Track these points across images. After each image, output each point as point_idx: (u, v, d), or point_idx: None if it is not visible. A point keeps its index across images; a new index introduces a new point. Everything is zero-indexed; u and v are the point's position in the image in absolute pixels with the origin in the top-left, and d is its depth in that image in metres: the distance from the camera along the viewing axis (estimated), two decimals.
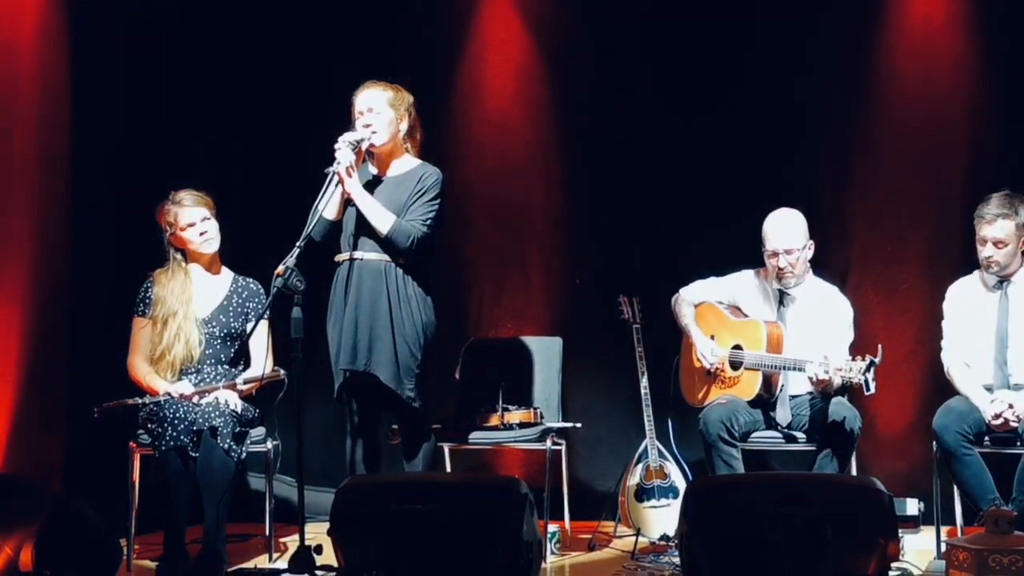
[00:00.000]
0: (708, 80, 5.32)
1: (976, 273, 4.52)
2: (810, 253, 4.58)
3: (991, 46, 5.13)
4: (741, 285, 4.72)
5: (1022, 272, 4.44)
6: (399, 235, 4.19)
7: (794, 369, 4.38)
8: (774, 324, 4.54)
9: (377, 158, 4.34)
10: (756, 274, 4.70)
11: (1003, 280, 4.45)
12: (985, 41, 5.14)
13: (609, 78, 5.47)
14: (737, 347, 4.59)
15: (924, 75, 5.20)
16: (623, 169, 5.42)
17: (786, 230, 4.52)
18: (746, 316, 4.65)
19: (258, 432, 4.50)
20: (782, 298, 4.61)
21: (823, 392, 4.38)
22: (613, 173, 5.44)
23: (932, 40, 5.20)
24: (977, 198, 4.51)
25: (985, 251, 4.39)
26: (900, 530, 3.42)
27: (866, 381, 4.13)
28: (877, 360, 4.14)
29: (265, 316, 4.39)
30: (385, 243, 4.20)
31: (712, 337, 4.68)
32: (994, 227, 4.35)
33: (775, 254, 4.52)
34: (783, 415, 4.51)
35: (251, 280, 4.64)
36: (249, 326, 4.50)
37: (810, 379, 4.34)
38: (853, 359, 4.21)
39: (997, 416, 4.24)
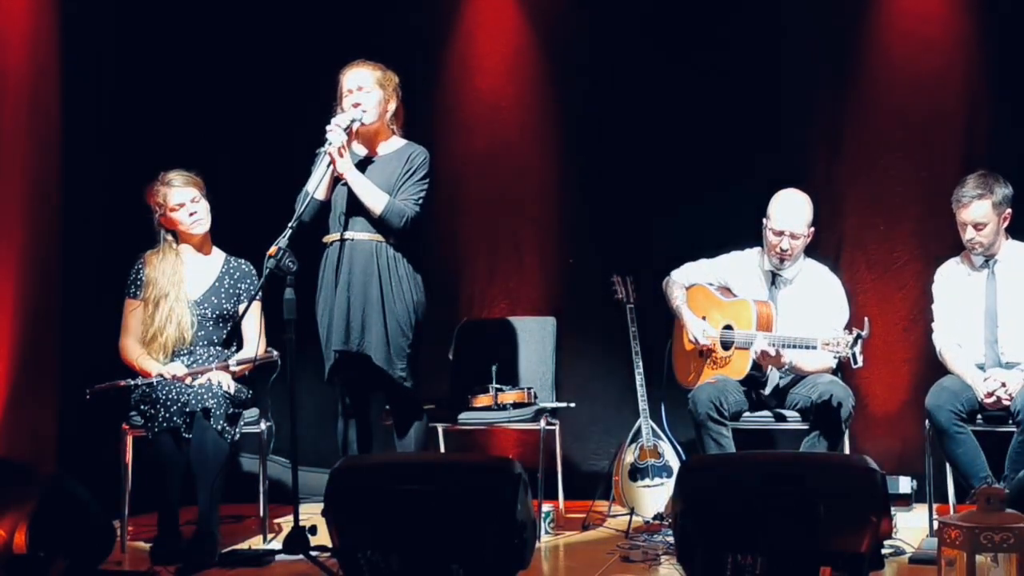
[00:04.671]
0: (701, 59, 5.31)
1: (963, 254, 4.51)
2: (809, 240, 4.58)
3: (984, 24, 5.12)
4: (731, 266, 4.72)
5: (1006, 249, 4.43)
6: (393, 215, 4.18)
7: (784, 346, 4.38)
8: (764, 303, 4.54)
9: (364, 138, 4.33)
10: (746, 255, 4.70)
11: (989, 259, 4.43)
12: (978, 19, 5.13)
13: (602, 56, 5.45)
14: (728, 327, 4.59)
15: (917, 53, 5.19)
16: (616, 148, 5.41)
17: (795, 213, 4.51)
18: (736, 296, 4.65)
19: (251, 413, 4.50)
20: (774, 279, 4.61)
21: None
22: (606, 152, 5.43)
23: (925, 18, 5.18)
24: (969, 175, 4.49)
25: (967, 234, 4.38)
26: (893, 508, 3.41)
27: (853, 355, 4.13)
28: (864, 334, 4.14)
29: (258, 297, 4.38)
30: (378, 223, 4.20)
31: (703, 318, 4.68)
32: (971, 209, 4.33)
33: (780, 233, 4.50)
34: (773, 394, 4.52)
35: (243, 261, 4.63)
36: (241, 307, 4.49)
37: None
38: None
39: (990, 394, 4.24)
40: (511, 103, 5.57)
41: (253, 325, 4.48)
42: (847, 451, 4.50)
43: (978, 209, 4.32)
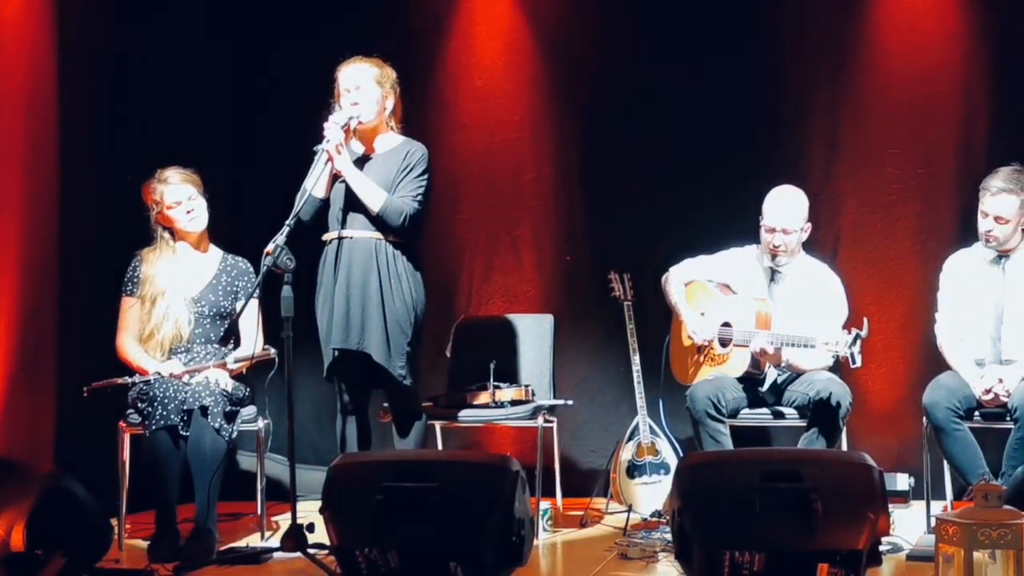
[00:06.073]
0: (699, 56, 5.30)
1: (976, 246, 4.47)
2: (805, 236, 4.57)
3: (981, 21, 5.12)
4: (730, 263, 4.71)
5: (1022, 248, 4.41)
6: (391, 212, 4.17)
7: (783, 345, 4.37)
8: (763, 301, 4.54)
9: (362, 135, 4.32)
10: (745, 251, 4.69)
11: (1002, 255, 4.41)
12: (975, 16, 5.13)
13: (598, 54, 5.44)
14: (726, 324, 4.59)
15: (914, 49, 5.19)
16: (613, 145, 5.41)
17: (787, 210, 4.50)
18: (735, 293, 4.65)
19: (249, 411, 4.50)
20: (773, 275, 4.61)
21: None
22: (603, 149, 5.43)
23: (922, 14, 5.18)
24: (967, 172, 4.50)
25: (985, 224, 4.34)
26: (890, 505, 3.41)
27: (852, 355, 4.12)
28: (863, 333, 4.13)
29: (255, 295, 4.37)
30: (376, 220, 4.19)
31: (702, 315, 4.68)
32: (997, 201, 4.29)
33: (772, 230, 4.50)
34: (771, 391, 4.53)
35: (240, 258, 4.63)
36: (239, 304, 4.48)
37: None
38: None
39: (987, 391, 4.24)
40: (508, 100, 5.56)
41: (251, 323, 4.46)
42: (845, 448, 4.50)
43: (1004, 203, 4.29)
